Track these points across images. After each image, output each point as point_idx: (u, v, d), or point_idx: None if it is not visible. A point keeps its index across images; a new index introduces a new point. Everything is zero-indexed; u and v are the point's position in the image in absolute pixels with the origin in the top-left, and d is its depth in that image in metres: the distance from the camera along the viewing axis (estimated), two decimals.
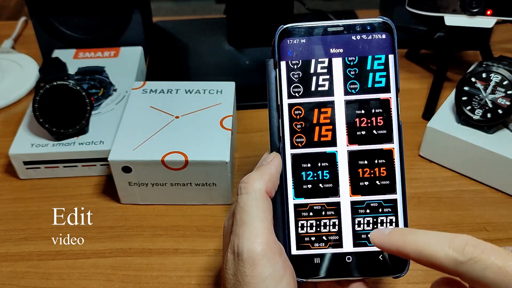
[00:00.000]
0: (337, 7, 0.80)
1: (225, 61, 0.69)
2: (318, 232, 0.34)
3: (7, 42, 0.74)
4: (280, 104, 0.34)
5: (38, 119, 0.50)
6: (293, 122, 0.34)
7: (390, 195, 0.34)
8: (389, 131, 0.34)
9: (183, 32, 0.75)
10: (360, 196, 0.34)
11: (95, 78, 0.60)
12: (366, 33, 0.34)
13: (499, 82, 0.50)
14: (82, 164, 0.52)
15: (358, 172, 0.34)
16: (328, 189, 0.34)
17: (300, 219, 0.34)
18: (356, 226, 0.34)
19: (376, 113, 0.34)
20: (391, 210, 0.34)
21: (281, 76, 0.34)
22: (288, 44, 0.34)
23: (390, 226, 0.34)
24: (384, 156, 0.34)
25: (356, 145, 0.34)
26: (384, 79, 0.34)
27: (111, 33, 0.66)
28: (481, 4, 0.54)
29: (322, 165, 0.34)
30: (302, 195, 0.34)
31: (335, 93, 0.34)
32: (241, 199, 0.31)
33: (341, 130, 0.34)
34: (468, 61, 0.69)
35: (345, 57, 0.34)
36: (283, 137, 0.34)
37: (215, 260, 0.45)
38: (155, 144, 0.48)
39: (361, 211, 0.34)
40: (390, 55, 0.34)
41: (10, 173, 0.54)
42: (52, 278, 0.44)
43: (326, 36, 0.34)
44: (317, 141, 0.34)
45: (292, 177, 0.34)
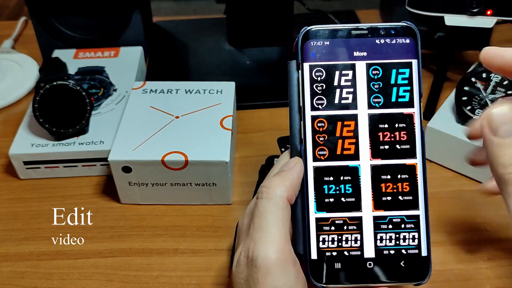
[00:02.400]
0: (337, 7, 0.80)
1: (225, 61, 0.69)
2: (340, 247, 0.33)
3: (7, 42, 0.74)
4: (302, 106, 0.34)
5: (38, 119, 0.50)
6: (315, 135, 0.34)
7: (412, 211, 0.33)
8: (412, 146, 0.34)
9: (183, 32, 0.75)
10: (382, 211, 0.33)
11: (95, 78, 0.60)
12: (390, 37, 0.34)
13: (499, 82, 0.50)
14: (82, 164, 0.52)
15: (380, 186, 0.34)
16: (350, 204, 0.33)
17: (321, 233, 0.33)
18: (378, 241, 0.33)
19: (399, 128, 0.34)
20: (413, 226, 0.33)
21: (304, 77, 0.34)
22: (311, 46, 0.34)
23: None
24: (407, 172, 0.34)
25: (379, 160, 0.34)
26: (408, 94, 0.34)
27: (111, 33, 0.66)
28: (481, 4, 0.54)
29: (344, 179, 0.34)
30: (324, 209, 0.33)
31: (358, 106, 0.34)
32: (261, 204, 0.31)
33: (364, 144, 0.34)
34: (468, 61, 0.69)
35: (368, 61, 0.34)
36: (305, 146, 0.34)
37: (215, 260, 0.45)
38: (155, 144, 0.48)
39: (383, 226, 0.33)
40: (413, 60, 0.34)
41: (10, 173, 0.54)
42: (52, 278, 0.44)
43: (350, 39, 0.34)
44: (340, 154, 0.34)
45: (314, 191, 0.34)
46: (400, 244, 0.33)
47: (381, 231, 0.33)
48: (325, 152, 0.34)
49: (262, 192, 0.32)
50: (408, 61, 0.34)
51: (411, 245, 0.33)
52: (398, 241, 0.33)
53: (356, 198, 0.34)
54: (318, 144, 0.34)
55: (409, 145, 0.34)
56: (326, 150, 0.34)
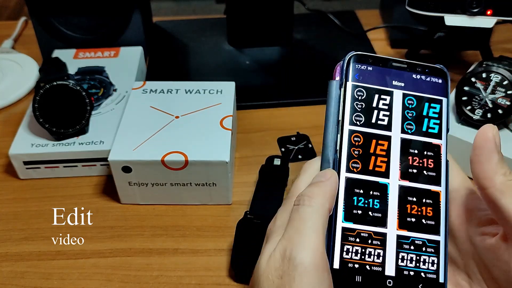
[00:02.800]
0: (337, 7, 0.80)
1: (225, 61, 0.69)
2: (362, 260, 0.34)
3: (7, 42, 0.74)
4: (342, 120, 0.36)
5: (38, 119, 0.50)
6: (351, 148, 0.35)
7: (434, 236, 0.34)
8: (438, 175, 0.35)
9: (183, 32, 0.75)
10: (406, 231, 0.34)
11: (95, 78, 0.60)
12: (425, 75, 0.37)
13: (499, 82, 0.50)
14: (82, 164, 0.52)
15: (406, 207, 0.35)
16: (376, 219, 0.34)
17: (346, 243, 0.34)
18: (400, 261, 0.34)
19: (427, 155, 0.36)
20: (433, 251, 0.34)
21: (346, 95, 0.36)
22: (356, 68, 0.36)
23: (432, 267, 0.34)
24: (432, 197, 0.35)
25: (407, 181, 0.35)
26: (437, 127, 0.36)
27: (111, 33, 0.66)
28: (481, 4, 0.54)
29: (373, 194, 0.35)
30: (351, 220, 0.34)
31: (392, 129, 0.36)
32: (303, 210, 0.32)
33: (395, 164, 0.35)
34: (468, 61, 0.69)
35: (405, 92, 0.37)
36: (340, 156, 0.35)
37: (215, 260, 0.45)
38: (155, 144, 0.48)
39: (405, 246, 0.34)
40: (444, 99, 0.37)
41: (10, 173, 0.54)
42: (52, 278, 0.44)
43: (390, 69, 0.37)
44: (372, 169, 0.35)
45: (344, 200, 0.34)
46: (420, 267, 0.34)
47: (403, 251, 0.34)
48: (358, 165, 0.35)
49: (304, 200, 0.32)
50: (439, 98, 0.37)
51: (430, 269, 0.34)
52: (418, 263, 0.34)
53: (382, 214, 0.34)
54: (352, 157, 0.35)
55: (435, 173, 0.35)
56: (359, 163, 0.35)
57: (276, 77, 0.67)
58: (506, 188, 0.30)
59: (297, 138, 0.57)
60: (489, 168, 0.31)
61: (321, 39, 0.73)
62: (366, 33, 0.73)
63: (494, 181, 0.31)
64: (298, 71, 0.67)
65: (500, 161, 0.32)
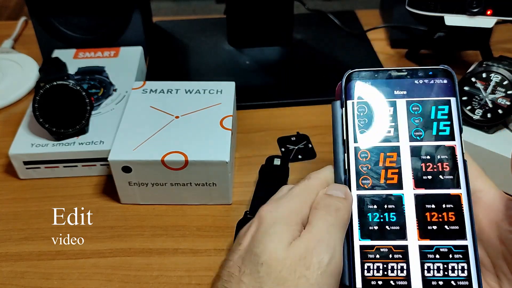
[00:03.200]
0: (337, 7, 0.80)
1: (225, 61, 0.69)
2: (385, 276, 0.33)
3: (7, 42, 0.74)
4: (346, 139, 0.36)
5: (38, 119, 0.50)
6: (359, 165, 0.35)
7: (460, 241, 0.33)
8: (456, 177, 0.34)
9: (183, 32, 0.75)
10: (428, 241, 0.33)
11: (95, 78, 0.60)
12: (428, 78, 0.36)
13: (499, 82, 0.50)
14: (82, 164, 0.52)
15: (425, 216, 0.34)
16: (395, 232, 0.34)
17: (366, 261, 0.33)
18: (426, 271, 0.33)
19: (441, 159, 0.35)
20: (462, 257, 0.33)
21: (347, 113, 0.36)
22: (354, 86, 0.37)
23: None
24: (452, 201, 0.34)
25: (423, 189, 0.34)
26: (448, 128, 0.35)
27: (111, 33, 0.66)
28: (481, 4, 0.54)
29: (388, 207, 0.34)
30: (368, 237, 0.34)
31: (400, 139, 0.35)
32: (331, 218, 0.33)
33: (407, 174, 0.35)
34: (468, 61, 0.69)
35: (408, 99, 0.36)
36: (349, 176, 0.35)
37: (215, 260, 0.45)
38: (155, 144, 0.48)
39: (430, 256, 0.33)
40: (452, 98, 0.36)
41: (10, 173, 0.54)
42: (52, 278, 0.44)
43: (390, 80, 0.36)
44: (383, 183, 0.35)
45: (358, 218, 0.34)
46: (449, 275, 0.33)
47: (428, 261, 0.33)
48: (369, 181, 0.35)
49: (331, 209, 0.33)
50: (447, 99, 0.36)
51: (460, 276, 0.33)
52: (446, 272, 0.33)
53: (400, 227, 0.34)
54: (361, 174, 0.35)
55: (452, 176, 0.34)
56: (369, 179, 0.35)
57: (276, 77, 0.67)
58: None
59: (297, 138, 0.57)
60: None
61: (321, 39, 0.73)
62: (366, 33, 0.73)
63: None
64: (298, 71, 0.67)
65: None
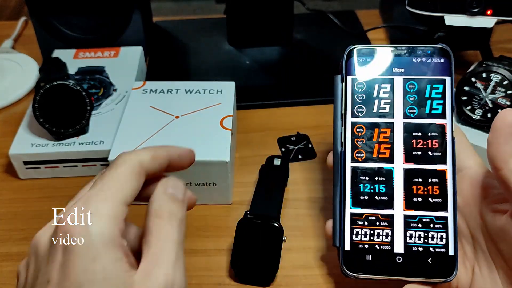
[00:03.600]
0: (337, 7, 0.80)
1: (225, 61, 0.69)
2: (371, 240, 0.36)
3: (7, 42, 0.74)
4: (344, 113, 0.38)
5: (38, 119, 0.50)
6: (354, 139, 0.37)
7: (441, 213, 0.36)
8: (444, 153, 0.37)
9: (183, 32, 0.75)
10: (413, 211, 0.36)
11: (95, 78, 0.60)
12: (426, 57, 0.38)
13: (499, 82, 0.50)
14: (82, 164, 0.52)
15: (412, 188, 0.37)
16: (383, 202, 0.37)
17: (355, 226, 0.36)
18: (408, 238, 0.36)
19: (432, 136, 0.37)
20: (442, 227, 0.36)
21: (347, 89, 0.38)
22: (355, 62, 0.38)
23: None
24: (438, 176, 0.37)
25: (412, 164, 0.37)
26: (441, 107, 0.37)
27: (111, 33, 0.66)
28: (481, 4, 0.54)
29: (379, 179, 0.37)
30: (359, 205, 0.37)
31: (394, 116, 0.37)
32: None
33: (399, 149, 0.37)
34: (468, 61, 0.69)
35: (405, 77, 0.38)
36: (345, 148, 0.37)
37: (215, 260, 0.45)
38: (155, 144, 0.48)
39: (413, 224, 0.36)
40: (447, 77, 0.37)
41: (10, 173, 0.54)
42: None
43: (390, 57, 0.38)
44: (376, 157, 0.37)
45: (351, 188, 0.37)
46: (428, 242, 0.36)
47: (410, 229, 0.36)
48: (363, 155, 0.37)
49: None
50: (442, 78, 0.37)
51: (438, 244, 0.36)
52: (426, 240, 0.36)
53: (388, 198, 0.37)
54: (356, 147, 0.37)
55: (440, 152, 0.37)
56: (364, 152, 0.37)
57: (276, 77, 0.67)
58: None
59: (297, 138, 0.57)
60: (505, 150, 0.32)
61: (321, 39, 0.73)
62: (366, 33, 0.73)
63: (509, 163, 0.32)
64: (298, 71, 0.67)
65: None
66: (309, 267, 0.44)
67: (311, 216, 0.48)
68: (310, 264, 0.44)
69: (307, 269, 0.44)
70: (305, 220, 0.48)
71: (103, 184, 0.28)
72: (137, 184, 0.30)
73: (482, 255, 0.36)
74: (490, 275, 0.35)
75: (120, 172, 0.29)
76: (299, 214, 0.49)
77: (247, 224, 0.44)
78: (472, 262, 0.37)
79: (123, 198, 0.29)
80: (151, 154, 0.31)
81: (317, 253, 0.45)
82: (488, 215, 0.35)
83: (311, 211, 0.49)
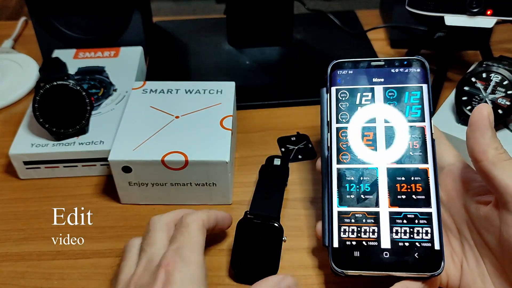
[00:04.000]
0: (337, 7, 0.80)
1: (225, 61, 0.69)
2: (359, 237, 0.38)
3: (7, 42, 0.75)
4: (330, 121, 0.41)
5: (38, 119, 0.50)
6: (339, 143, 0.40)
7: (425, 209, 0.37)
8: (424, 153, 0.39)
9: (183, 32, 0.75)
10: (397, 208, 0.38)
11: (95, 78, 0.60)
12: (403, 67, 0.41)
13: (499, 82, 0.50)
14: (82, 164, 0.52)
15: (396, 186, 0.38)
16: (369, 200, 0.38)
17: (343, 224, 0.38)
18: (394, 234, 0.37)
19: (412, 137, 0.39)
20: (426, 222, 0.37)
21: (331, 98, 0.41)
22: (338, 74, 0.42)
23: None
24: (420, 174, 0.38)
25: (395, 164, 0.39)
26: (419, 111, 0.40)
27: (111, 33, 0.66)
28: (481, 4, 0.54)
29: (364, 179, 0.39)
30: (346, 204, 0.38)
31: (376, 120, 0.40)
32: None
33: (381, 150, 0.39)
34: (468, 61, 0.69)
35: (385, 86, 0.41)
36: (331, 152, 0.40)
37: (215, 260, 0.45)
38: (155, 144, 0.48)
39: (398, 221, 0.38)
40: (424, 85, 0.40)
41: (10, 173, 0.54)
42: (52, 278, 0.44)
43: (369, 69, 0.41)
44: (360, 158, 0.40)
45: (337, 188, 0.39)
46: (414, 238, 0.37)
47: (396, 225, 0.38)
48: (347, 157, 0.40)
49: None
50: (420, 85, 0.40)
51: (424, 238, 0.37)
52: (412, 235, 0.37)
53: (374, 196, 0.38)
54: (341, 150, 0.40)
55: (421, 152, 0.39)
56: (348, 155, 0.40)
57: (276, 77, 0.67)
58: (498, 160, 0.33)
59: (297, 138, 0.57)
60: (483, 143, 0.34)
61: (321, 39, 0.73)
62: (366, 33, 0.73)
63: (487, 154, 0.34)
64: (298, 71, 0.67)
65: (493, 137, 0.34)
66: (309, 267, 0.44)
67: (311, 216, 0.48)
68: (310, 264, 0.44)
69: (307, 269, 0.44)
70: (305, 220, 0.48)
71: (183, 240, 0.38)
72: (204, 237, 0.39)
73: (469, 248, 0.37)
74: (477, 268, 0.36)
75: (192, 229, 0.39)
76: (299, 214, 0.49)
77: (247, 224, 0.44)
78: (460, 257, 0.37)
79: (201, 248, 0.38)
80: (207, 215, 0.40)
81: (317, 254, 0.45)
82: (472, 207, 0.36)
83: (311, 211, 0.49)
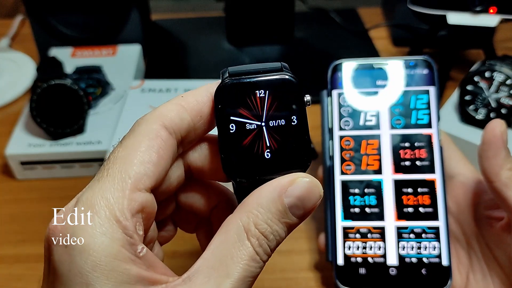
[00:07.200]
0: (338, 5, 0.80)
1: (224, 60, 0.68)
2: (364, 253, 0.36)
3: (4, 40, 0.74)
4: (331, 127, 0.38)
5: (35, 119, 0.50)
6: (342, 151, 0.38)
7: (433, 222, 0.36)
8: (432, 163, 0.37)
9: (182, 30, 0.74)
10: (404, 221, 0.36)
11: (93, 77, 0.59)
12: (409, 69, 0.38)
13: (502, 81, 0.49)
14: (80, 165, 0.52)
15: (402, 199, 0.37)
16: (374, 214, 0.37)
17: (347, 240, 0.36)
18: (401, 249, 0.36)
19: (419, 146, 0.37)
20: (434, 236, 0.36)
21: (333, 103, 0.38)
22: (339, 76, 0.39)
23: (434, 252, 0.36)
24: (427, 186, 0.37)
25: (401, 174, 0.37)
26: (426, 117, 0.37)
27: (109, 31, 0.66)
28: (485, 2, 0.53)
29: (369, 191, 0.37)
30: (350, 218, 0.37)
31: (381, 127, 0.38)
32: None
33: (387, 160, 0.37)
34: (471, 60, 0.68)
35: (390, 89, 0.38)
36: (334, 162, 0.38)
37: None
38: None
39: (405, 235, 0.36)
40: (431, 88, 0.38)
41: (6, 173, 0.53)
42: None
43: (373, 70, 0.39)
44: (365, 169, 0.37)
45: (341, 201, 0.37)
46: (421, 253, 0.36)
47: (403, 240, 0.36)
48: (351, 167, 0.38)
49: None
50: (426, 88, 0.38)
51: (432, 253, 0.36)
52: (419, 250, 0.36)
53: (379, 209, 0.37)
54: (344, 160, 0.38)
55: (429, 162, 0.37)
56: (352, 165, 0.38)
57: None
58: (511, 182, 0.32)
59: None
60: (496, 163, 0.33)
61: (322, 38, 0.72)
62: (367, 32, 0.73)
63: (500, 175, 0.33)
64: (299, 70, 0.66)
65: (506, 157, 0.33)
66: (310, 269, 0.43)
67: (312, 218, 0.48)
68: (311, 267, 0.44)
69: (308, 271, 0.43)
70: (306, 221, 0.47)
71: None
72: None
73: (477, 261, 0.36)
74: (483, 281, 0.35)
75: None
76: None
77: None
78: (466, 268, 0.36)
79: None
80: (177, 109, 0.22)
81: (318, 256, 0.44)
82: (483, 221, 0.35)
83: (313, 213, 0.48)
